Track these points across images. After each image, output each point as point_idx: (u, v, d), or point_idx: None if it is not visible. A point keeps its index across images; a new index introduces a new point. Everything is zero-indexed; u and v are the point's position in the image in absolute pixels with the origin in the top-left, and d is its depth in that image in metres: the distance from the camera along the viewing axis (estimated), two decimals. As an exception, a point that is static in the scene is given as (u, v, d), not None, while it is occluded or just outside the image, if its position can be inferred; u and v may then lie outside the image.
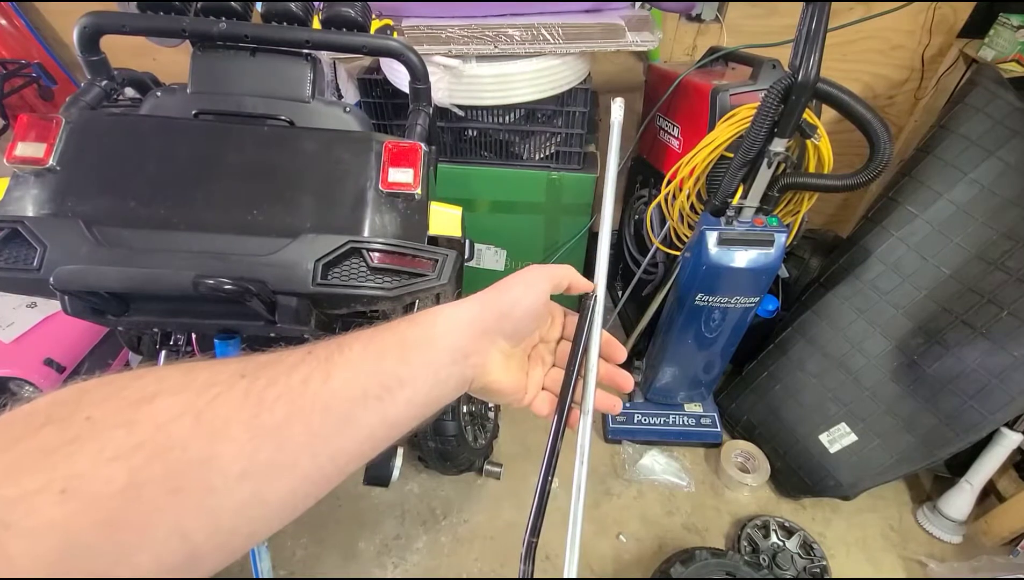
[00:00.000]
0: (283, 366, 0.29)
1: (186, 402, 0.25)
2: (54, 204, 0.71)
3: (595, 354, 0.42)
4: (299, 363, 0.30)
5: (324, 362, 0.31)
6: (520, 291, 0.38)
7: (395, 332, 0.34)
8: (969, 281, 1.24)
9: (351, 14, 0.86)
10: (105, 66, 0.86)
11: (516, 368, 0.41)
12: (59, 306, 0.68)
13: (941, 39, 1.65)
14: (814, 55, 0.90)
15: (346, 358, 0.31)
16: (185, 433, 0.25)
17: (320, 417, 0.29)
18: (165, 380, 0.26)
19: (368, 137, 0.80)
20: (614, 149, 0.45)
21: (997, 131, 1.25)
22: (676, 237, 1.35)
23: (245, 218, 0.73)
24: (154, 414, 0.24)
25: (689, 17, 1.65)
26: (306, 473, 0.28)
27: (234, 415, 0.26)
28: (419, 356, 0.34)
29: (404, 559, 1.32)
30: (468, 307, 0.37)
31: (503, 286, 0.38)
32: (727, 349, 1.42)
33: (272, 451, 0.27)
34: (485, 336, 0.37)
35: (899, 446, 1.30)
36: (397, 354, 0.33)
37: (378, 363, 0.32)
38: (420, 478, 1.48)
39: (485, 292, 0.38)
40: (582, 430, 0.41)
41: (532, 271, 0.39)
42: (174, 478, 0.24)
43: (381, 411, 0.31)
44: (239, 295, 0.65)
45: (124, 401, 0.25)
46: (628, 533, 1.38)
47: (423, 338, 0.35)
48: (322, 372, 0.30)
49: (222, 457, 0.25)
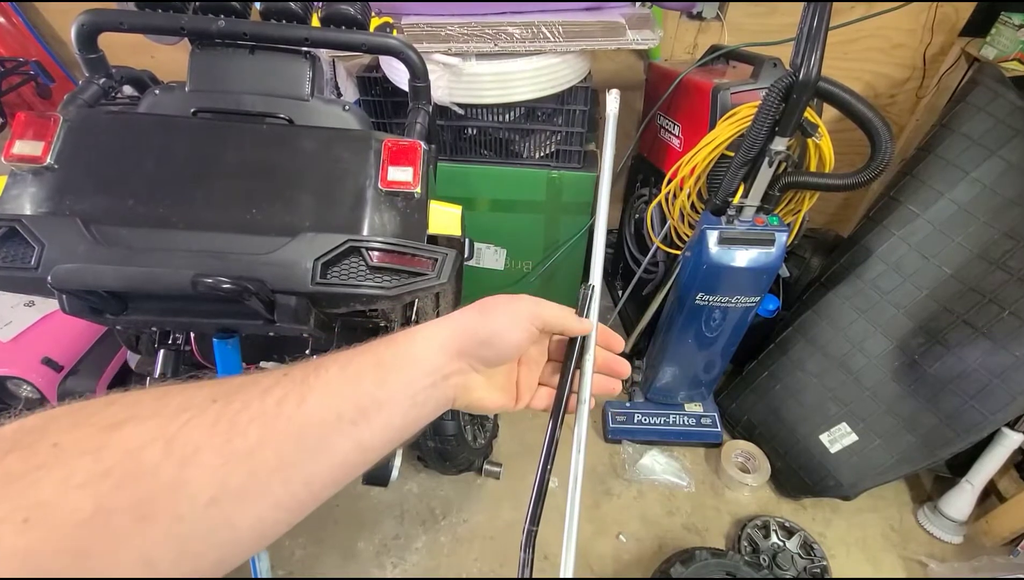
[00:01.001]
0: (257, 389, 0.29)
1: (156, 428, 0.25)
2: (52, 202, 0.71)
3: (592, 344, 0.42)
4: (274, 386, 0.29)
5: (299, 384, 0.30)
6: (503, 323, 0.37)
7: (373, 353, 0.34)
8: (970, 281, 1.24)
9: (350, 12, 0.85)
10: (103, 64, 0.86)
11: (501, 383, 0.40)
12: (57, 305, 0.68)
13: (943, 38, 1.65)
14: (815, 54, 0.89)
15: (322, 380, 0.31)
16: (155, 459, 0.24)
17: (294, 442, 0.28)
18: (136, 406, 0.26)
19: (367, 135, 0.80)
20: (610, 142, 0.45)
21: (999, 130, 1.24)
22: (677, 236, 1.35)
23: (244, 217, 0.73)
24: (123, 440, 0.24)
25: (690, 15, 1.64)
26: (278, 499, 0.28)
27: (205, 440, 0.26)
28: (397, 378, 0.33)
29: (403, 559, 1.32)
30: (448, 326, 0.36)
31: (488, 311, 0.37)
32: (727, 349, 1.42)
33: (243, 477, 0.26)
34: (463, 357, 0.36)
35: (900, 446, 1.30)
36: (375, 376, 0.32)
37: (355, 385, 0.31)
38: (419, 478, 1.48)
39: (468, 312, 0.37)
40: (579, 419, 0.41)
41: (521, 305, 0.38)
42: (142, 506, 0.23)
43: (356, 436, 0.31)
44: (238, 294, 0.64)
45: (93, 427, 0.24)
46: (628, 533, 1.38)
47: (401, 359, 0.34)
48: (297, 395, 0.29)
49: (192, 483, 0.25)
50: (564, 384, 0.41)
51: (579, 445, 0.41)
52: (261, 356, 1.04)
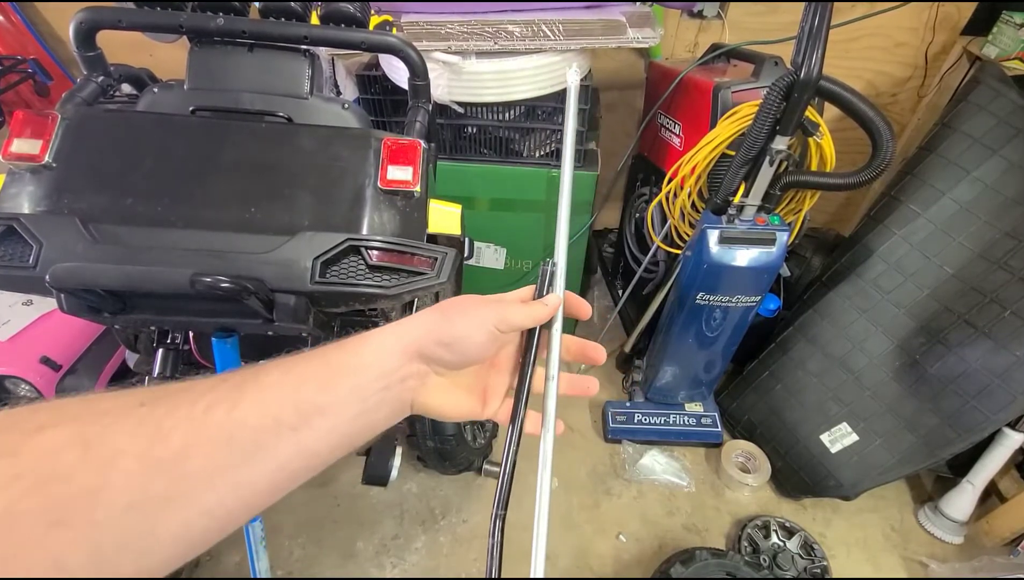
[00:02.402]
0: (189, 395, 0.28)
1: (75, 432, 0.24)
2: (50, 201, 0.71)
3: (559, 318, 0.40)
4: (207, 391, 0.29)
5: (234, 390, 0.29)
6: (464, 327, 0.35)
7: (319, 358, 0.33)
8: (972, 280, 1.23)
9: (350, 10, 0.85)
10: (101, 62, 0.85)
11: (466, 387, 0.39)
12: (55, 304, 0.67)
13: (944, 36, 1.64)
14: (816, 52, 0.89)
15: (260, 386, 0.30)
16: (71, 463, 0.24)
17: (223, 448, 0.27)
18: (60, 410, 0.26)
19: (367, 134, 0.79)
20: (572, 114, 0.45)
21: (1000, 129, 1.24)
22: (677, 236, 1.35)
23: (243, 215, 0.73)
24: (41, 443, 0.24)
25: (691, 14, 1.64)
26: (205, 507, 0.27)
27: (126, 445, 0.25)
28: (343, 382, 0.32)
29: (403, 559, 1.32)
30: (407, 329, 0.35)
31: (450, 313, 0.36)
32: (728, 348, 1.41)
33: (165, 484, 0.25)
34: (422, 359, 0.35)
35: (900, 446, 1.29)
36: (319, 381, 0.31)
37: (295, 391, 0.30)
38: (419, 478, 1.47)
39: (429, 313, 0.36)
40: (546, 396, 0.39)
41: (485, 309, 0.36)
42: (54, 510, 0.23)
43: (296, 441, 0.30)
44: (237, 293, 0.64)
45: (16, 432, 0.24)
46: (628, 533, 1.38)
47: (349, 364, 0.33)
48: (229, 401, 0.28)
49: (109, 489, 0.24)
50: (527, 361, 0.39)
51: (547, 425, 0.39)
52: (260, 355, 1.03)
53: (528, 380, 0.39)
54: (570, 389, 0.42)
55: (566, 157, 0.45)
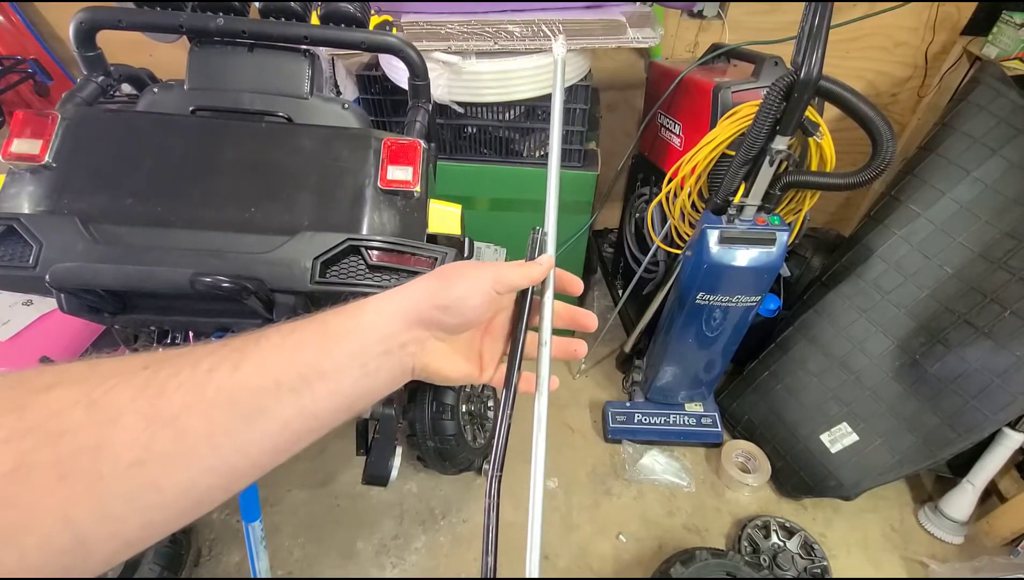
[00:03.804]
0: (191, 357, 0.29)
1: (81, 392, 0.25)
2: (50, 201, 0.71)
3: (551, 281, 0.41)
4: (209, 354, 0.29)
5: (236, 352, 0.30)
6: (464, 289, 0.36)
7: (319, 323, 0.33)
8: (972, 280, 1.23)
9: (350, 10, 0.85)
10: (101, 62, 0.86)
11: (464, 351, 0.40)
12: (55, 304, 0.67)
13: (944, 36, 1.64)
14: (817, 52, 0.89)
15: (261, 349, 0.30)
16: (77, 421, 0.24)
17: (224, 408, 0.28)
18: (66, 372, 0.26)
19: (367, 134, 0.79)
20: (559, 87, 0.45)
21: (1001, 129, 1.24)
22: (677, 236, 1.35)
23: (243, 215, 0.73)
24: (48, 402, 0.24)
25: (691, 14, 1.64)
26: (209, 464, 0.27)
27: (129, 404, 0.26)
28: (343, 347, 0.32)
29: (403, 559, 1.32)
30: (405, 295, 0.35)
31: (447, 277, 0.36)
32: (728, 348, 1.41)
33: (168, 441, 0.26)
34: (421, 325, 0.35)
35: (901, 446, 1.29)
36: (318, 344, 0.32)
37: (295, 354, 0.31)
38: (419, 478, 1.47)
39: (427, 278, 0.36)
40: (540, 362, 0.39)
41: (482, 271, 0.37)
42: (62, 464, 0.23)
43: (297, 403, 0.30)
44: (236, 293, 0.64)
45: (23, 389, 0.25)
46: (628, 533, 1.38)
47: (349, 328, 0.33)
48: (231, 363, 0.29)
49: (114, 445, 0.25)
50: (520, 324, 0.40)
51: (541, 389, 0.39)
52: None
53: (521, 343, 0.40)
54: (558, 352, 0.42)
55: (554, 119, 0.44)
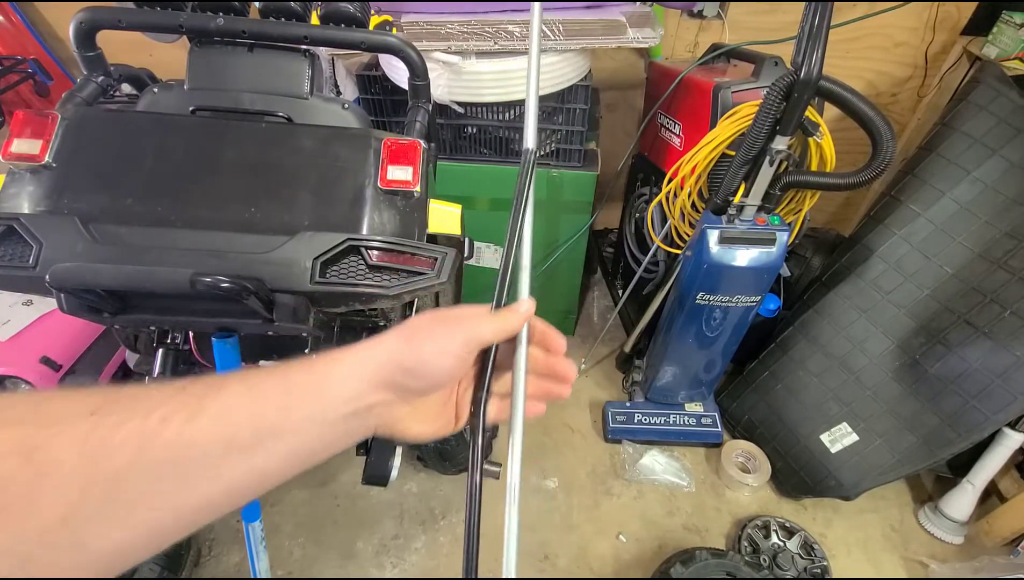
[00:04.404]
0: (145, 403, 0.27)
1: (22, 436, 0.24)
2: (50, 201, 0.71)
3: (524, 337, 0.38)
4: (165, 401, 0.28)
5: (194, 400, 0.28)
6: (432, 351, 0.34)
7: (283, 377, 0.32)
8: (972, 280, 1.23)
9: (350, 10, 0.85)
10: (101, 62, 0.85)
11: (435, 410, 0.38)
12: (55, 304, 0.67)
13: (944, 36, 1.64)
14: (817, 52, 0.89)
15: (220, 400, 0.29)
16: (11, 469, 0.23)
17: (168, 468, 0.27)
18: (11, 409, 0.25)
19: (367, 134, 0.79)
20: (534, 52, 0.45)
21: (1001, 129, 1.24)
22: (677, 236, 1.35)
23: (243, 215, 0.73)
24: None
25: (691, 14, 1.64)
26: (142, 524, 0.26)
27: (68, 456, 0.24)
28: (305, 405, 0.31)
29: (403, 559, 1.32)
30: (372, 353, 0.34)
31: (415, 338, 0.34)
32: (728, 348, 1.41)
33: (100, 500, 0.25)
34: (388, 388, 0.34)
35: (901, 446, 1.29)
36: (280, 400, 0.31)
37: (255, 409, 0.30)
38: (419, 478, 1.47)
39: (395, 337, 0.35)
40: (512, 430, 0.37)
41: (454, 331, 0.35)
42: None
43: (247, 463, 0.29)
44: (236, 293, 0.64)
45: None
46: (628, 533, 1.38)
47: (313, 386, 0.32)
48: (186, 414, 0.28)
49: (43, 499, 0.24)
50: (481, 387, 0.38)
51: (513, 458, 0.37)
52: (260, 355, 1.04)
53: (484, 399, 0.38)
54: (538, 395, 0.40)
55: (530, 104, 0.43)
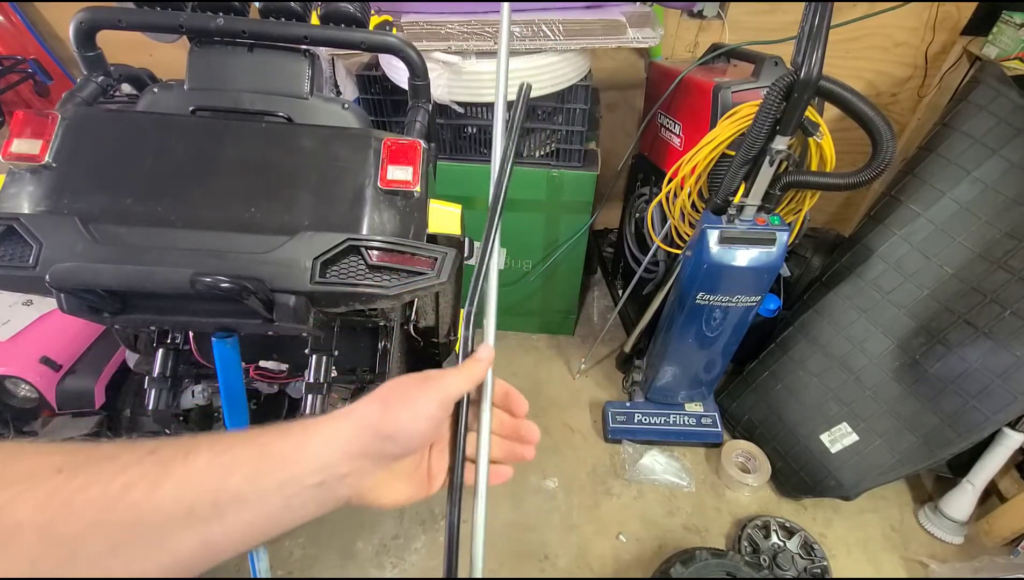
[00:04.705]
0: (112, 465, 0.28)
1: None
2: (50, 201, 0.71)
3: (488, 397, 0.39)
4: (131, 465, 0.28)
5: (159, 467, 0.28)
6: (410, 416, 0.34)
7: (256, 444, 0.31)
8: (972, 280, 1.23)
9: (350, 10, 0.85)
10: (101, 62, 0.85)
11: (409, 473, 0.39)
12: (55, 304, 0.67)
13: (944, 36, 1.64)
14: (817, 52, 0.89)
15: (188, 467, 0.29)
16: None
17: (127, 534, 0.27)
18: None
19: (367, 134, 0.79)
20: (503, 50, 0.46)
21: (1001, 129, 1.24)
22: (677, 236, 1.35)
23: (243, 215, 0.73)
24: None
25: (691, 14, 1.64)
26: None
27: (31, 516, 0.25)
28: (275, 475, 0.31)
29: (403, 559, 1.32)
30: (349, 422, 0.34)
31: (392, 404, 0.35)
32: (728, 348, 1.41)
33: (58, 561, 0.25)
34: (364, 456, 0.34)
35: (901, 446, 1.29)
36: (249, 469, 0.30)
37: (222, 478, 0.29)
38: (419, 477, 1.47)
39: (370, 404, 0.35)
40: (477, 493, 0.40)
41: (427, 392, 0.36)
42: None
43: (204, 533, 0.29)
44: (237, 293, 0.64)
45: None
46: (628, 533, 1.38)
47: (288, 455, 0.32)
48: (151, 480, 0.28)
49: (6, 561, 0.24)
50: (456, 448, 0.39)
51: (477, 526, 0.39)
52: (260, 355, 1.04)
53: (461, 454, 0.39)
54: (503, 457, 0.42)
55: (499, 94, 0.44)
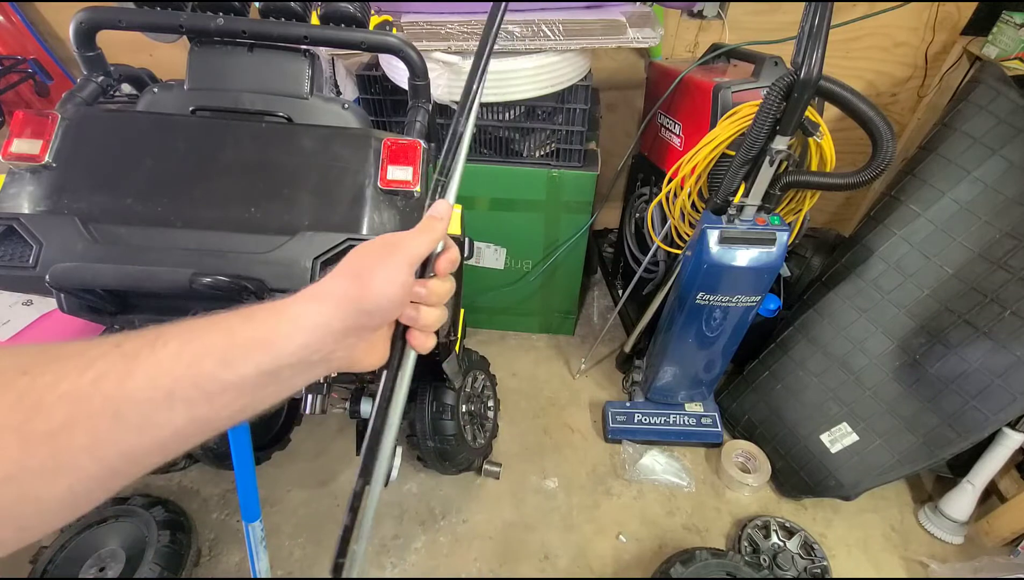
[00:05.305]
0: (78, 361, 0.27)
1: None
2: (50, 201, 0.71)
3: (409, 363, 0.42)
4: (98, 359, 0.28)
5: (127, 359, 0.28)
6: (382, 284, 0.35)
7: (224, 329, 0.31)
8: (972, 280, 1.23)
9: (350, 10, 0.85)
10: (101, 62, 0.85)
11: (384, 336, 0.41)
12: (55, 304, 0.67)
13: (944, 36, 1.64)
14: (817, 52, 0.89)
15: (156, 357, 0.29)
16: None
17: (108, 421, 0.27)
18: None
19: (367, 134, 0.79)
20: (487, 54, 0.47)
21: (1001, 129, 1.24)
22: (677, 236, 1.35)
23: (242, 215, 0.73)
24: None
25: (691, 14, 1.64)
26: (90, 473, 0.27)
27: (3, 419, 0.25)
28: (252, 360, 0.31)
29: (403, 559, 1.32)
30: (327, 303, 0.34)
31: (364, 277, 0.35)
32: (728, 348, 1.41)
33: (45, 457, 0.25)
34: (350, 334, 0.34)
35: (901, 446, 1.29)
36: (222, 356, 0.30)
37: (195, 366, 0.29)
38: (419, 478, 1.47)
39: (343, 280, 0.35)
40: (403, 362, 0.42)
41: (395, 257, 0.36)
42: None
43: (189, 412, 0.29)
44: (236, 293, 0.64)
45: None
46: (628, 533, 1.38)
47: (260, 340, 0.31)
48: (121, 371, 0.27)
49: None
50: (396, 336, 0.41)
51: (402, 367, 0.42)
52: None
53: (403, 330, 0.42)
54: None
55: None
